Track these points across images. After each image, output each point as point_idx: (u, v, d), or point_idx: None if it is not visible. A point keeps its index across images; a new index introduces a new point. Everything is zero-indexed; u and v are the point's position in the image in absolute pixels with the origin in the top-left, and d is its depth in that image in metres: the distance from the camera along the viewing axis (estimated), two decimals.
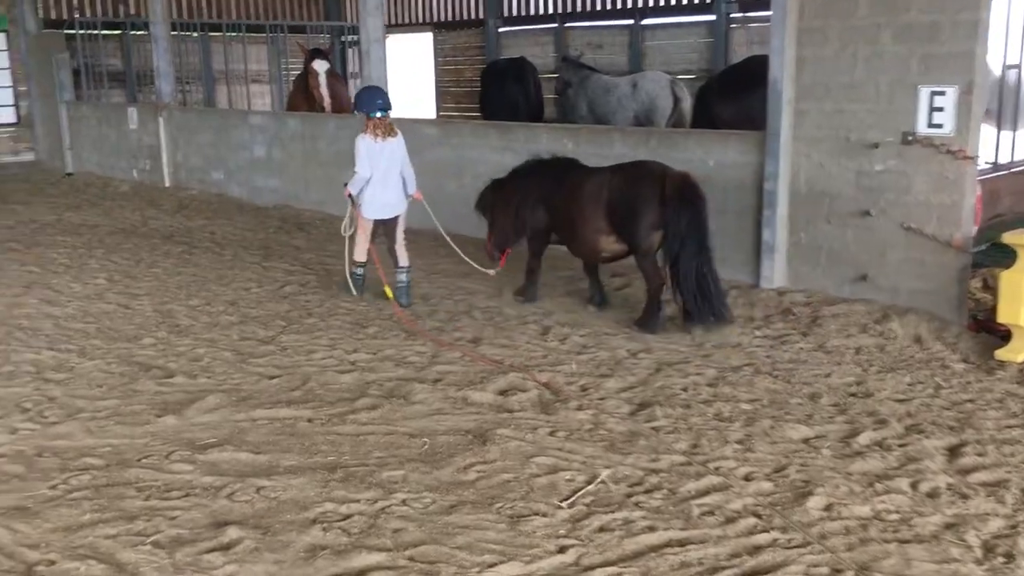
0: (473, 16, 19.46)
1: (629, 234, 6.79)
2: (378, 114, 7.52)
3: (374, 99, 7.59)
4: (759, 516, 4.04)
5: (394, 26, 21.35)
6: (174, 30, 18.49)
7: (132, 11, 18.96)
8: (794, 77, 7.17)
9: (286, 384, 5.85)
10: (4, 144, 18.16)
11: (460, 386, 5.73)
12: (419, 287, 8.20)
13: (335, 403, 5.51)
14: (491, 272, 7.88)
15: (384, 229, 7.86)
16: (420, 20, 20.83)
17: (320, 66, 12.46)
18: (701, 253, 6.54)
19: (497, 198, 7.65)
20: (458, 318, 7.34)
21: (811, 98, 7.15)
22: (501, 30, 18.79)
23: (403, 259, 7.78)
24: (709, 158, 7.85)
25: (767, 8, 7.53)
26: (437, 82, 20.46)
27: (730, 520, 4.01)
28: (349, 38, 21.18)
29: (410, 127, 10.76)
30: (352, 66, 21.28)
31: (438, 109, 20.33)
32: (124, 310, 7.64)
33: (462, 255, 8.13)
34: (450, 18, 19.93)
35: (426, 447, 4.83)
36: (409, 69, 21.55)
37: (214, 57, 19.88)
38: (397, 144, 7.63)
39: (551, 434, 4.97)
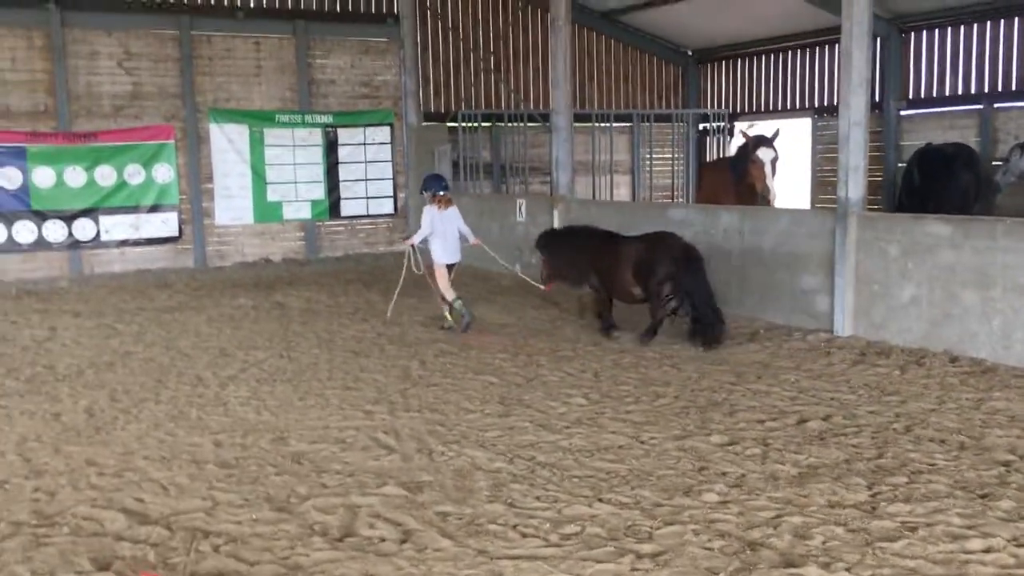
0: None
1: (645, 284, 9.40)
2: (440, 192, 10.67)
3: (439, 182, 10.86)
4: None
5: (767, 112, 19.92)
6: (538, 121, 18.22)
7: (522, 103, 18.87)
8: None
9: None
10: (381, 235, 18.49)
11: None
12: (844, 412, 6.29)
13: None
14: (544, 287, 11.04)
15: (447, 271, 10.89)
16: (797, 105, 19.22)
17: (765, 155, 11.08)
18: (705, 294, 9.20)
19: (553, 246, 10.69)
20: (913, 471, 5.32)
21: None
22: (903, 113, 16.69)
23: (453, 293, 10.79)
24: None
25: None
26: (814, 171, 18.61)
27: None
28: (710, 125, 20.05)
29: (909, 224, 8.97)
30: (709, 152, 20.05)
31: (813, 201, 18.44)
32: (639, 444, 6.34)
33: (523, 276, 12.03)
34: (836, 102, 18.07)
35: None
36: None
37: (577, 147, 19.38)
38: (453, 212, 10.80)
39: None
